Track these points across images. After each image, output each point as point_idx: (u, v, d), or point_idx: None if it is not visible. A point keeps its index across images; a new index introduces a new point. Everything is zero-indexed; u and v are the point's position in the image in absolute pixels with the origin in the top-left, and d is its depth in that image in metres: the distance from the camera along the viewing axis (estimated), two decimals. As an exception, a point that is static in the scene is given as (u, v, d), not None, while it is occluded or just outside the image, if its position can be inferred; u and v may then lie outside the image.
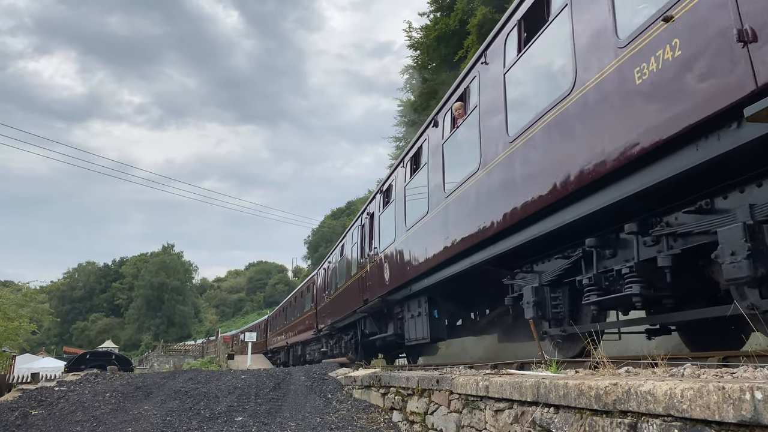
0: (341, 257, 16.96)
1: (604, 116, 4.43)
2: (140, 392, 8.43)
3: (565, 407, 3.24)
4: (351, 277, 15.07)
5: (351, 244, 15.50)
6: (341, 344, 17.27)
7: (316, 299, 21.26)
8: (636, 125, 4.07)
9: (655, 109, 3.89)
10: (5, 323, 27.29)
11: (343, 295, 15.96)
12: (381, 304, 11.85)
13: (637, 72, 4.04)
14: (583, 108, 4.69)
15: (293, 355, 28.32)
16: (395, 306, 11.67)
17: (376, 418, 6.84)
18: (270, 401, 7.82)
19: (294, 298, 28.81)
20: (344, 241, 16.84)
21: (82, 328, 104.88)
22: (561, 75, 5.12)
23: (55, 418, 7.25)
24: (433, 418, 5.46)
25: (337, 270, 17.39)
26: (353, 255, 15.03)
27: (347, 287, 15.50)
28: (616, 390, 2.77)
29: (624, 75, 4.18)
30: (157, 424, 6.72)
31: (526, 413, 3.70)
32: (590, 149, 4.60)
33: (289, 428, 6.46)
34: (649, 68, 3.93)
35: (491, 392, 4.19)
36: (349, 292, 15.10)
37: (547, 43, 5.43)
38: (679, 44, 3.66)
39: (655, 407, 2.49)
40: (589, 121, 4.61)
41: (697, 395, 2.28)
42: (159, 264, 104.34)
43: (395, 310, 11.71)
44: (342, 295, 16.17)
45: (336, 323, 16.78)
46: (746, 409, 2.06)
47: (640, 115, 4.02)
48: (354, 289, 14.48)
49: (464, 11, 25.60)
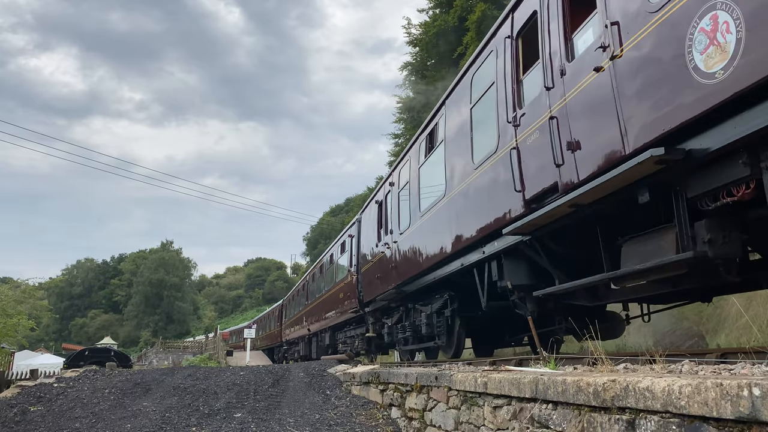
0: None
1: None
2: (139, 389, 8.43)
3: (564, 403, 3.25)
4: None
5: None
6: (416, 322, 9.88)
7: (357, 258, 14.14)
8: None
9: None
10: (4, 320, 27.34)
11: (428, 230, 8.77)
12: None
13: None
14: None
15: (318, 345, 20.73)
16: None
17: (374, 414, 6.86)
18: (269, 398, 7.84)
19: (319, 267, 20.77)
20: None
21: (80, 325, 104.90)
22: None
23: (54, 414, 7.25)
24: (432, 414, 5.47)
25: (414, 189, 9.62)
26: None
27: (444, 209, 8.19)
28: (615, 386, 2.77)
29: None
30: (155, 420, 6.72)
31: (525, 410, 3.70)
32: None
33: (287, 424, 6.47)
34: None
35: (490, 389, 4.19)
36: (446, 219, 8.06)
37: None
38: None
39: (653, 403, 2.50)
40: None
41: (695, 392, 2.28)
42: (158, 261, 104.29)
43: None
44: (426, 231, 8.90)
45: (408, 284, 9.89)
46: (744, 406, 2.07)
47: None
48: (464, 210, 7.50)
49: (463, 8, 25.54)
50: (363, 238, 13.82)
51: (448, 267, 8.11)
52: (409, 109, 32.47)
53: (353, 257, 14.62)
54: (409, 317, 10.59)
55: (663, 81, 3.75)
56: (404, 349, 11.00)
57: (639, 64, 3.99)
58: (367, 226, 13.47)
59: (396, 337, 11.22)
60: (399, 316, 11.21)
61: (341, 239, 16.96)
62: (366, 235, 13.47)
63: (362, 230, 14.06)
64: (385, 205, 11.71)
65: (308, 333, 21.94)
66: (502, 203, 6.19)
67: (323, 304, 18.80)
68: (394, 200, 10.85)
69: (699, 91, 3.43)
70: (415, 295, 10.05)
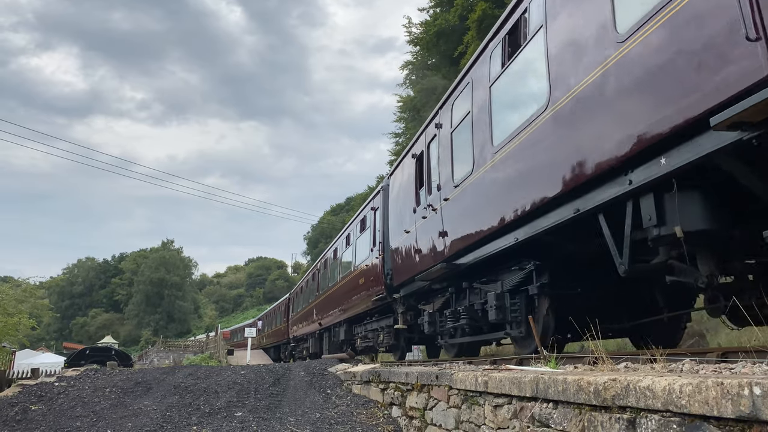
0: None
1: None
2: (140, 387, 8.44)
3: (564, 402, 3.25)
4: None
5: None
6: (474, 306, 7.78)
7: (383, 233, 11.89)
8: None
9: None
10: (5, 319, 27.36)
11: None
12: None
13: None
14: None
15: (331, 341, 18.23)
16: None
17: (375, 413, 6.86)
18: (269, 396, 7.84)
19: (332, 251, 18.15)
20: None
21: (81, 324, 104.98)
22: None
23: (54, 413, 7.26)
24: (433, 413, 5.47)
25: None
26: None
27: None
28: (615, 385, 2.77)
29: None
30: (156, 419, 6.73)
31: (525, 408, 3.70)
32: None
33: (288, 423, 6.48)
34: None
35: (490, 388, 4.19)
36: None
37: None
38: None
39: (653, 402, 2.50)
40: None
41: (696, 391, 2.28)
42: (158, 260, 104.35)
43: None
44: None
45: (466, 254, 7.63)
46: (745, 405, 2.07)
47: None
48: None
49: (464, 7, 25.54)
50: (392, 207, 11.46)
51: (544, 220, 5.64)
52: (411, 108, 32.47)
53: (377, 234, 12.38)
54: (459, 301, 8.36)
55: None
56: (452, 342, 8.96)
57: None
58: (398, 192, 11.09)
59: (443, 327, 8.88)
60: (445, 300, 8.92)
61: (360, 215, 14.53)
62: (396, 204, 11.12)
63: (391, 198, 11.69)
64: (428, 157, 9.31)
65: (319, 328, 19.63)
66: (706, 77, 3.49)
67: (338, 294, 16.37)
68: (443, 146, 8.45)
69: None
70: (473, 270, 7.72)
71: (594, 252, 5.50)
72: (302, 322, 23.72)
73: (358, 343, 15.06)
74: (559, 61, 5.30)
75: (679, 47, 3.73)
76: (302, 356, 23.67)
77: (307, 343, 22.87)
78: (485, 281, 7.61)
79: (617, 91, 4.39)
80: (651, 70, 4.00)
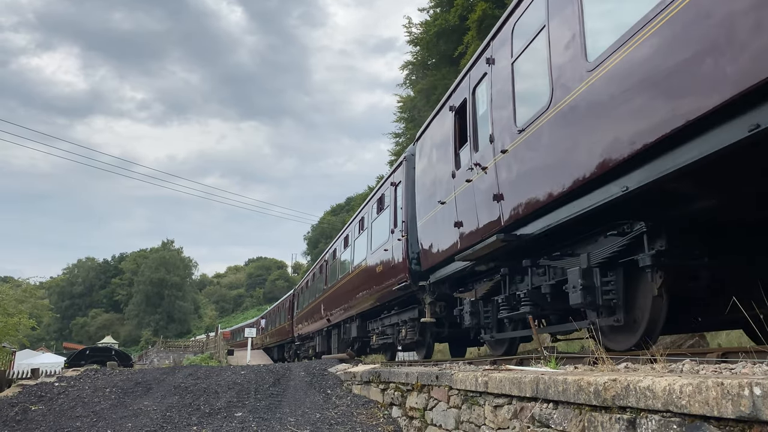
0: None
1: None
2: (140, 388, 8.44)
3: (564, 403, 3.25)
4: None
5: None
6: (542, 289, 6.10)
7: (407, 211, 10.30)
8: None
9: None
10: (5, 319, 27.36)
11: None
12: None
13: None
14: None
15: (341, 339, 16.53)
16: None
17: (375, 413, 6.86)
18: (269, 397, 7.84)
19: (342, 239, 16.50)
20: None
21: (81, 324, 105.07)
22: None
23: (55, 413, 7.26)
24: (433, 413, 5.47)
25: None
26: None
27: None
28: (615, 385, 2.77)
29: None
30: (156, 419, 6.73)
31: (525, 409, 3.70)
32: None
33: (288, 423, 6.48)
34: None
35: (490, 388, 4.19)
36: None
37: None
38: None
39: (654, 403, 2.50)
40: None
41: (696, 391, 2.28)
42: (159, 260, 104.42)
43: None
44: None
45: (534, 220, 5.86)
46: (745, 405, 2.07)
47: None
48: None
49: (464, 7, 25.52)
50: (420, 178, 9.71)
51: (679, 154, 3.77)
52: (411, 108, 32.48)
53: (399, 212, 10.67)
54: (516, 284, 6.83)
55: None
56: (500, 337, 7.53)
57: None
58: (428, 158, 9.29)
59: (488, 319, 7.58)
60: (493, 284, 7.37)
61: (377, 194, 12.62)
62: (426, 173, 9.32)
63: (418, 169, 9.91)
64: (472, 105, 7.52)
65: (327, 324, 17.71)
66: None
67: (349, 286, 14.49)
68: (500, 84, 6.55)
69: None
70: (537, 243, 6.09)
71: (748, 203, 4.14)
72: (308, 319, 21.95)
73: (374, 340, 13.25)
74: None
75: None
76: (308, 356, 21.97)
77: (314, 342, 21.17)
78: (558, 256, 5.86)
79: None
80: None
